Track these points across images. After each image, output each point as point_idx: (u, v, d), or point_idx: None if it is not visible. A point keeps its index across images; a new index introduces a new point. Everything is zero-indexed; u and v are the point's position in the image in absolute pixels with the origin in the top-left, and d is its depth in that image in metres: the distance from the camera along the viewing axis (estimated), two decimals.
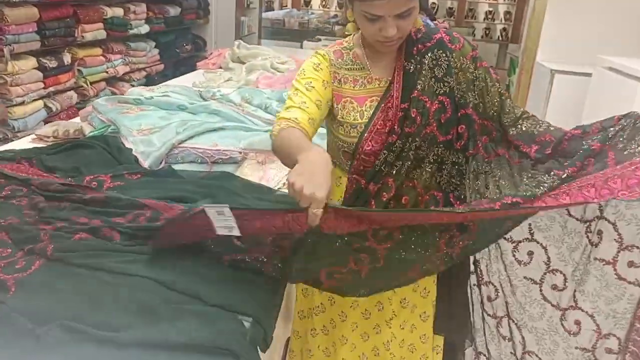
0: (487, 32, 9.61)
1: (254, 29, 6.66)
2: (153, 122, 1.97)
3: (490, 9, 9.54)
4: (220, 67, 3.77)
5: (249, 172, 1.72)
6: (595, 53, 3.83)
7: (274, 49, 4.59)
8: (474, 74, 1.26)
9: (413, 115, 1.23)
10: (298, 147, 1.07)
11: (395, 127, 1.24)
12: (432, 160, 1.29)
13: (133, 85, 4.22)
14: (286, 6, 10.14)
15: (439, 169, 1.30)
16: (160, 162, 1.74)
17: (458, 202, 1.31)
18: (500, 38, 9.53)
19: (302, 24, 7.67)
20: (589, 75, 3.72)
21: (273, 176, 1.73)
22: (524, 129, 1.24)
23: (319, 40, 6.51)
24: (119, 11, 4.17)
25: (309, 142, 1.14)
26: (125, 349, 0.88)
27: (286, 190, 1.57)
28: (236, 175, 1.67)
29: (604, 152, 1.11)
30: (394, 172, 1.26)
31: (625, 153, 1.06)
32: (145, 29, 4.54)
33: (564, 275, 1.19)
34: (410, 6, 1.13)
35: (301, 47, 6.28)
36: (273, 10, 9.24)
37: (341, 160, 1.35)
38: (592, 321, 1.18)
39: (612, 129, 1.12)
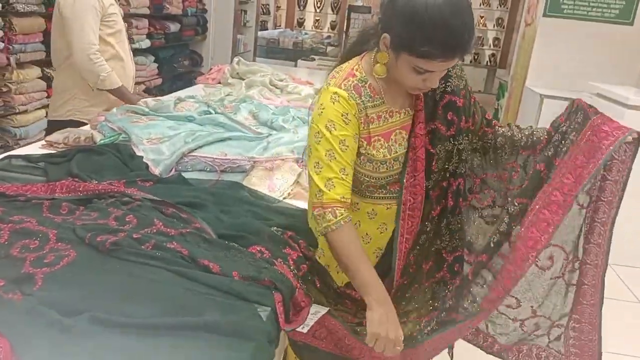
0: (476, 57, 9.85)
1: (249, 47, 6.79)
2: (162, 131, 2.03)
3: (480, 35, 9.79)
4: (220, 83, 3.85)
5: (257, 181, 1.78)
6: (583, 80, 3.98)
7: (269, 66, 4.70)
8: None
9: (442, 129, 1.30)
10: (363, 278, 1.20)
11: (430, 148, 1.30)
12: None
13: None
14: (280, 26, 10.34)
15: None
16: (171, 170, 1.80)
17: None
18: (488, 63, 9.77)
19: (296, 44, 7.82)
20: None
21: (279, 186, 1.79)
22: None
23: (313, 59, 6.64)
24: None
25: (367, 259, 1.23)
26: (154, 337, 0.93)
27: (289, 201, 1.63)
28: (244, 185, 1.72)
29: (552, 165, 1.24)
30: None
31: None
32: (146, 43, 4.62)
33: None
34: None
35: (295, 65, 6.41)
36: (267, 29, 9.41)
37: (361, 189, 1.37)
38: None
39: (561, 128, 1.27)
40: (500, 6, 9.57)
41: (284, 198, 1.77)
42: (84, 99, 2.50)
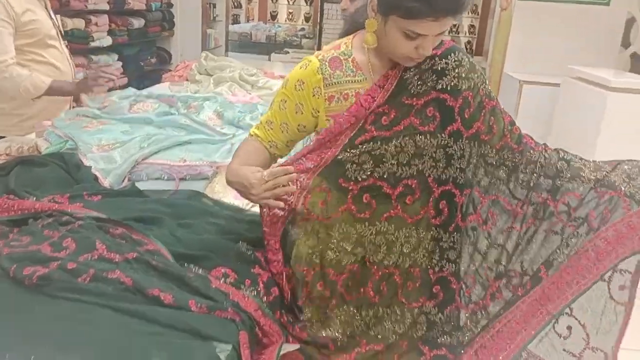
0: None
1: (220, 41, 6.55)
2: (115, 136, 1.84)
3: (455, 23, 9.69)
4: (187, 80, 3.65)
5: (221, 189, 1.61)
6: (561, 63, 3.87)
7: (241, 61, 4.50)
8: None
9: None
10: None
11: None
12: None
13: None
14: (253, 19, 10.09)
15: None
16: (123, 180, 1.61)
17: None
18: (465, 51, 9.68)
19: (269, 37, 7.60)
20: (557, 85, 3.75)
21: None
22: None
23: (287, 52, 6.46)
24: (79, 23, 4.00)
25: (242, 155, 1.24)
26: None
27: (257, 209, 1.50)
28: (204, 193, 1.55)
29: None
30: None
31: None
32: (107, 41, 4.38)
33: None
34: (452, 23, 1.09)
35: (269, 59, 6.21)
36: (240, 23, 9.16)
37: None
38: None
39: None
40: None
41: (252, 206, 1.60)
42: (18, 113, 2.16)
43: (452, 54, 1.16)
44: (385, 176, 1.17)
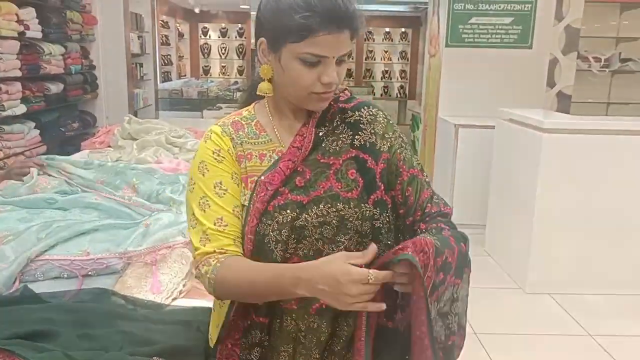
0: (386, 90, 10.00)
1: (150, 100, 6.32)
2: (9, 226, 1.57)
3: (387, 69, 9.97)
4: (109, 146, 3.39)
5: (135, 283, 1.36)
6: (493, 106, 3.93)
7: (172, 120, 4.28)
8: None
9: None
10: (271, 282, 0.93)
11: None
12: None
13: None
14: (185, 75, 9.93)
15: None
16: (13, 282, 1.34)
17: None
18: (398, 95, 9.93)
19: (201, 93, 7.44)
20: (491, 127, 3.77)
21: (166, 283, 1.39)
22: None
23: (220, 108, 6.31)
24: None
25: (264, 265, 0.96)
26: None
27: (180, 303, 1.27)
28: (114, 290, 1.30)
29: None
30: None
31: None
32: (21, 109, 4.05)
33: None
34: (351, 47, 1.00)
35: (202, 116, 6.04)
36: (171, 80, 8.97)
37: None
38: None
39: None
40: (402, 40, 9.81)
41: (174, 299, 1.37)
42: None
43: (365, 108, 1.09)
44: (311, 254, 0.99)
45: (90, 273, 1.38)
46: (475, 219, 3.83)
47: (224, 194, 1.00)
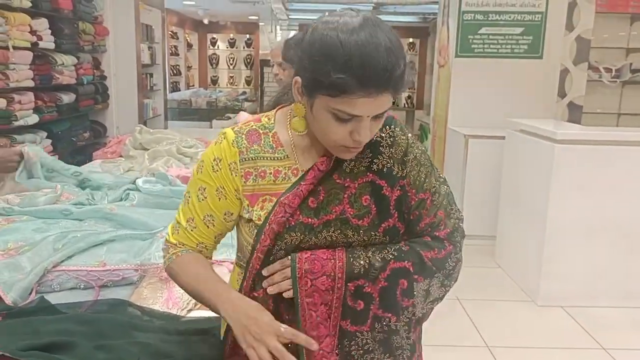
0: (394, 100, 9.98)
1: (159, 110, 6.37)
2: (25, 237, 1.58)
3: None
4: (121, 156, 3.41)
5: (149, 294, 1.36)
6: (503, 116, 3.92)
7: (181, 130, 4.30)
8: None
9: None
10: (212, 292, 0.98)
11: None
12: None
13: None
14: (193, 85, 10.00)
15: None
16: (30, 294, 1.34)
17: None
18: (406, 105, 9.93)
19: (210, 103, 7.50)
20: (502, 138, 3.76)
21: (181, 296, 1.38)
22: None
23: (229, 118, 6.35)
24: (1, 102, 3.72)
25: (215, 275, 1.03)
26: None
27: (197, 313, 1.26)
28: (130, 301, 1.30)
29: None
30: None
31: None
32: (33, 119, 4.08)
33: None
34: (390, 105, 0.91)
35: (210, 126, 6.07)
36: (180, 90, 9.04)
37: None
38: None
39: None
40: (410, 50, 9.82)
41: (189, 310, 1.37)
42: None
43: (387, 127, 1.03)
44: None
45: (106, 284, 1.38)
46: (485, 230, 3.80)
47: (203, 200, 1.02)
